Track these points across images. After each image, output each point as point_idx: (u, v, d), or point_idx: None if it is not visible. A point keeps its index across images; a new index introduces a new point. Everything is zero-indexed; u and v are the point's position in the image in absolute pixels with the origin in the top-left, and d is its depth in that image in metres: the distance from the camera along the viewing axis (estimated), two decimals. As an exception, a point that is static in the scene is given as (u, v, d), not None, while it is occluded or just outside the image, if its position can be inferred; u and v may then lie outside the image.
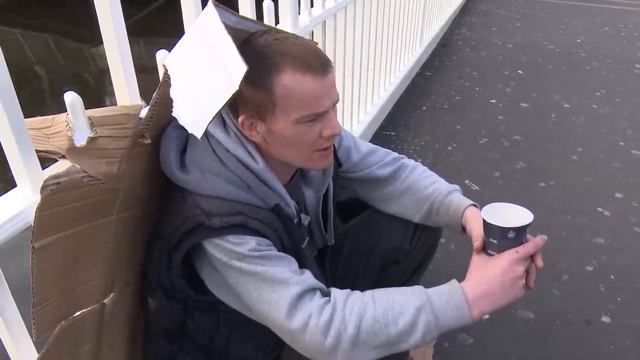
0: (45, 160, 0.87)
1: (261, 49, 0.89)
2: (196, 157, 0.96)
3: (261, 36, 0.92)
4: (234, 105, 0.94)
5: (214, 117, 0.85)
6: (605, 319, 1.76)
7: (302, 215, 1.10)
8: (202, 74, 0.89)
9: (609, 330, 1.71)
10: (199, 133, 0.87)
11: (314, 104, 0.91)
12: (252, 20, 0.98)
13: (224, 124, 0.97)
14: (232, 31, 0.85)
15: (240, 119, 0.94)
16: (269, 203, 0.97)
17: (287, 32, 0.97)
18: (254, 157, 0.96)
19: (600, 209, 2.36)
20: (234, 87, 0.81)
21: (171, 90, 0.92)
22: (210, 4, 0.88)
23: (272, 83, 0.89)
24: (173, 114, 0.92)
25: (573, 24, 5.55)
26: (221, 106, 0.83)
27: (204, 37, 0.89)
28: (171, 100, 0.92)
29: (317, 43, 1.03)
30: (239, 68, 0.81)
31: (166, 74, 0.93)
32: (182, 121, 0.90)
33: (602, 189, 2.52)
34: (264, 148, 0.98)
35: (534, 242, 0.98)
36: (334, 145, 1.16)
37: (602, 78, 4.02)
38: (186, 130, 0.99)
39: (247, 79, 0.81)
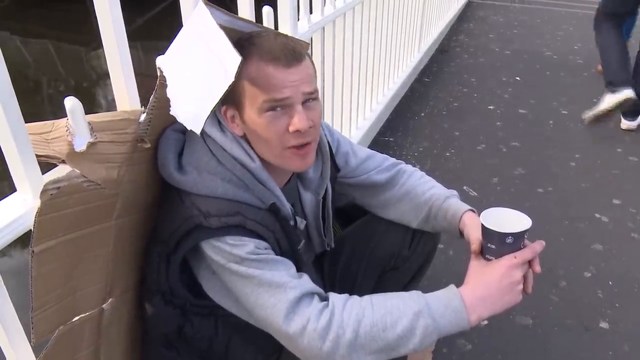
0: (46, 165, 0.88)
1: (241, 42, 0.93)
2: (193, 158, 0.97)
3: (248, 34, 0.96)
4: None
5: (212, 111, 0.86)
6: (604, 325, 1.76)
7: (298, 219, 1.10)
8: (198, 69, 0.90)
9: (607, 336, 1.71)
10: (197, 128, 0.88)
11: (272, 89, 0.91)
12: (242, 19, 0.99)
13: (219, 124, 0.98)
14: (223, 30, 0.87)
15: (223, 109, 0.97)
16: (266, 202, 0.98)
17: (274, 31, 0.99)
18: (250, 156, 0.97)
19: (598, 215, 2.37)
20: (230, 79, 0.83)
21: (168, 89, 0.93)
22: (201, 3, 0.90)
23: (240, 72, 0.90)
24: (171, 113, 0.93)
25: (570, 31, 5.57)
26: (218, 99, 0.85)
27: (196, 34, 0.90)
28: (168, 102, 0.93)
29: (308, 44, 1.04)
30: (233, 60, 0.82)
31: (162, 76, 0.94)
32: (181, 118, 0.91)
33: (599, 195, 2.53)
34: (253, 147, 0.99)
35: (532, 248, 0.99)
36: (331, 149, 1.17)
37: (600, 84, 4.02)
38: (184, 134, 1.00)
39: None
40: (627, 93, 2.83)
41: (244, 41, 0.94)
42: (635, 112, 3.12)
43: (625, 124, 3.18)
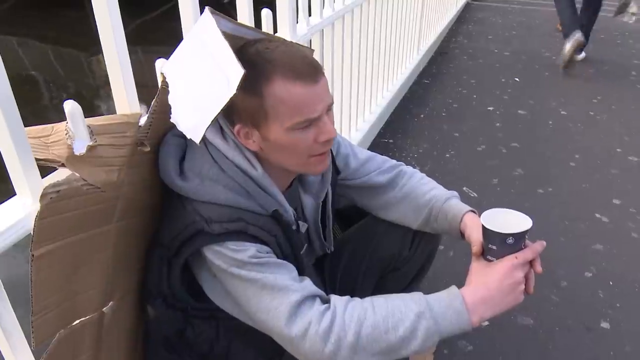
0: (45, 168, 0.88)
1: (252, 58, 0.90)
2: (195, 165, 0.96)
3: (252, 45, 0.93)
4: (229, 115, 0.95)
5: (212, 122, 0.85)
6: (605, 325, 1.76)
7: (300, 223, 1.10)
8: (200, 79, 0.90)
9: (608, 336, 1.71)
10: (197, 138, 0.88)
11: (305, 110, 0.91)
12: (248, 27, 0.98)
13: (221, 131, 0.98)
14: (229, 38, 0.86)
15: (236, 128, 0.95)
16: (268, 209, 0.97)
17: (279, 40, 0.97)
18: (252, 164, 0.97)
19: (598, 215, 2.37)
20: (232, 90, 0.82)
21: (169, 96, 0.92)
22: (206, 11, 0.89)
23: (263, 92, 0.89)
24: (172, 120, 0.92)
25: (569, 32, 5.57)
26: (219, 110, 0.84)
27: (201, 43, 0.90)
28: (169, 108, 0.92)
29: (313, 50, 1.04)
30: (236, 72, 0.82)
31: (164, 81, 0.93)
32: (181, 127, 0.91)
33: (599, 196, 2.53)
34: (261, 155, 0.98)
35: (533, 248, 0.99)
36: (331, 152, 1.17)
37: (599, 85, 4.04)
38: (185, 139, 1.00)
39: (240, 88, 0.82)
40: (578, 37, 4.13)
41: (254, 56, 0.90)
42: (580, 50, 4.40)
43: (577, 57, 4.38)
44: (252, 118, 0.93)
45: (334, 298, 0.95)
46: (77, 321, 0.93)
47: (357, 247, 1.31)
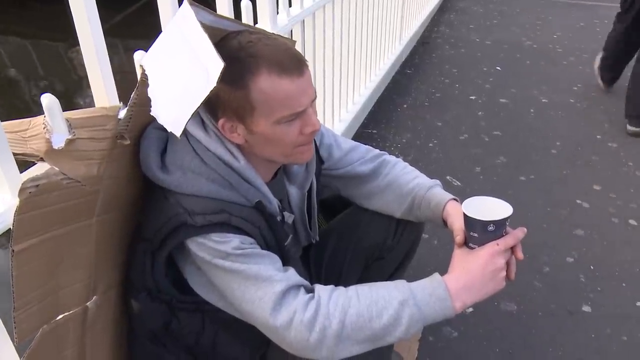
0: (23, 163, 0.86)
1: (235, 53, 0.89)
2: (177, 157, 0.96)
3: (234, 39, 0.92)
4: (213, 109, 0.94)
5: (192, 115, 0.85)
6: (586, 308, 1.79)
7: (286, 213, 1.10)
8: (180, 72, 0.89)
9: (590, 320, 1.74)
10: (178, 131, 0.87)
11: (292, 103, 0.92)
12: (228, 19, 0.98)
13: (202, 123, 0.97)
14: (208, 30, 0.85)
15: (220, 122, 0.94)
16: (252, 200, 0.97)
17: (260, 32, 0.97)
18: (234, 155, 0.97)
19: (579, 201, 2.40)
20: (212, 83, 0.81)
21: (149, 89, 0.91)
22: (185, 3, 0.88)
23: (248, 87, 0.89)
24: (152, 113, 0.91)
25: (549, 20, 5.62)
26: (199, 103, 0.83)
27: (180, 35, 0.89)
28: (149, 100, 0.92)
29: (295, 41, 1.03)
30: (215, 65, 0.81)
31: (144, 74, 0.92)
32: (161, 120, 0.90)
33: (580, 182, 2.57)
34: (245, 147, 0.98)
35: (514, 235, 1.00)
36: (315, 142, 1.17)
37: (579, 73, 4.08)
38: (166, 131, 0.99)
39: (224, 83, 0.81)
40: None
41: (237, 50, 0.90)
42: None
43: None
44: (237, 112, 0.92)
45: (318, 287, 0.96)
46: (61, 316, 0.92)
47: (342, 237, 1.32)
